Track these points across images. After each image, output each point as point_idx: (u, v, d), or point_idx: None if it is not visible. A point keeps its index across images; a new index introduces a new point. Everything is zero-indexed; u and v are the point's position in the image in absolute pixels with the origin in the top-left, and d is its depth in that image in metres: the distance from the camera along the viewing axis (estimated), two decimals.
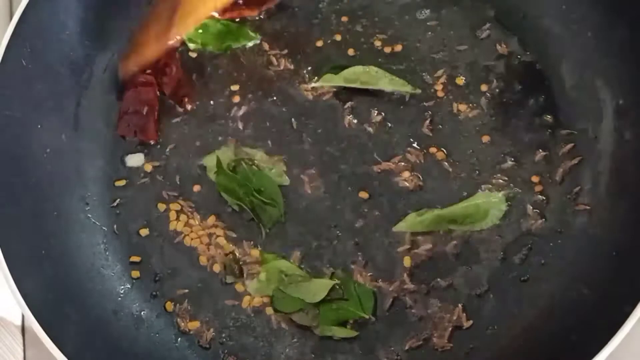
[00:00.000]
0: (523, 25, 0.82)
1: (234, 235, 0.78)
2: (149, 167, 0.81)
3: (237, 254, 0.77)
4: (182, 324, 0.75)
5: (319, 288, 0.74)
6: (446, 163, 0.79)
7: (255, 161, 0.80)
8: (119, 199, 0.80)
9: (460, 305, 0.74)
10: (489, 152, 0.79)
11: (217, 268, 0.77)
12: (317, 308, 0.74)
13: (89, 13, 0.81)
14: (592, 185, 0.75)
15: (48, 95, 0.78)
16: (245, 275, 0.77)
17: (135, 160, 0.82)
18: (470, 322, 0.73)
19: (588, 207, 0.74)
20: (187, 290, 0.77)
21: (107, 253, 0.78)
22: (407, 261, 0.75)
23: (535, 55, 0.82)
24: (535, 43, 0.82)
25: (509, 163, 0.78)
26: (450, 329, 0.73)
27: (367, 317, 0.73)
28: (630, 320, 0.61)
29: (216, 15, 0.85)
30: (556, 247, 0.74)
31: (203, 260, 0.78)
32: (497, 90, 0.81)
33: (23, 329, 0.81)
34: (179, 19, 0.79)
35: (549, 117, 0.79)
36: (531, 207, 0.76)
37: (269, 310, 0.75)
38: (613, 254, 0.70)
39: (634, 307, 0.61)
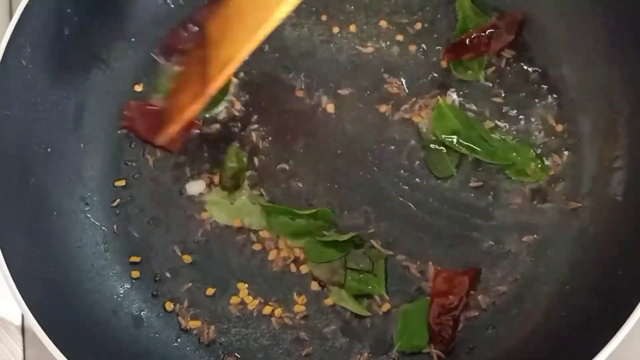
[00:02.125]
0: (523, 25, 0.82)
1: None
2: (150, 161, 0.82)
3: None
4: (183, 322, 0.75)
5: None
6: None
7: None
8: (119, 199, 0.80)
9: None
10: None
11: None
12: (344, 271, 0.74)
13: (89, 13, 0.81)
14: (592, 185, 0.75)
15: (48, 95, 0.78)
16: None
17: (196, 187, 0.80)
18: None
19: (588, 207, 0.75)
20: (187, 290, 0.77)
21: (107, 253, 0.78)
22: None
23: (536, 55, 0.81)
24: (535, 43, 0.82)
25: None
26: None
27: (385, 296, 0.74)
28: (631, 320, 0.61)
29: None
30: (556, 246, 0.74)
31: None
32: (498, 90, 0.81)
33: (23, 329, 0.81)
34: (214, 71, 0.70)
35: (549, 117, 0.79)
36: (531, 207, 0.76)
37: (268, 310, 0.75)
38: (613, 254, 0.70)
39: (634, 307, 0.61)
